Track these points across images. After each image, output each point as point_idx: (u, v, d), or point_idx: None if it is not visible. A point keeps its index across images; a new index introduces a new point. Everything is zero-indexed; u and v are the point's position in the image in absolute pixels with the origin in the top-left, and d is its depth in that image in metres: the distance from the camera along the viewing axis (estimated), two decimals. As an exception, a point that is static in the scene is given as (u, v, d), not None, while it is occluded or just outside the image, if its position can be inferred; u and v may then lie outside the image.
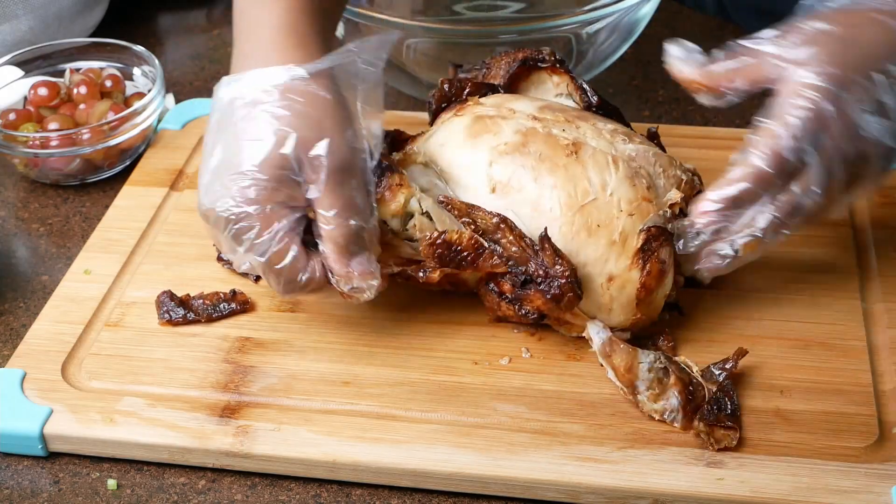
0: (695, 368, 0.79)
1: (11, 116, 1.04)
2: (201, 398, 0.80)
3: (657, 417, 0.77)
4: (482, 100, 0.88)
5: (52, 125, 1.02)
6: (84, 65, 1.11)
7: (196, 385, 0.81)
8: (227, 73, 1.21)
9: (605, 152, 0.81)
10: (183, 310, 0.86)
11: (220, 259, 0.91)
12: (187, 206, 0.96)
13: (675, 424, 0.76)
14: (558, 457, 0.75)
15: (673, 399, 0.76)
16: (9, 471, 0.78)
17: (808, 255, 0.91)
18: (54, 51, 1.10)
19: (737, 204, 0.76)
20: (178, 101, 1.15)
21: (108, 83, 1.08)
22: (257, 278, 0.89)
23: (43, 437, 0.78)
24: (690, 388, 0.76)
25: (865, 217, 0.94)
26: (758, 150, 0.75)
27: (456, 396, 0.79)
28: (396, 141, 0.89)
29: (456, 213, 0.79)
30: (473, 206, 0.79)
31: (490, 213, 0.78)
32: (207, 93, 1.18)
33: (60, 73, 1.09)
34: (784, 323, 0.85)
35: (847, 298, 0.87)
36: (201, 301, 0.87)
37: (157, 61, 1.07)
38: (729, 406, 0.76)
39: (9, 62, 1.08)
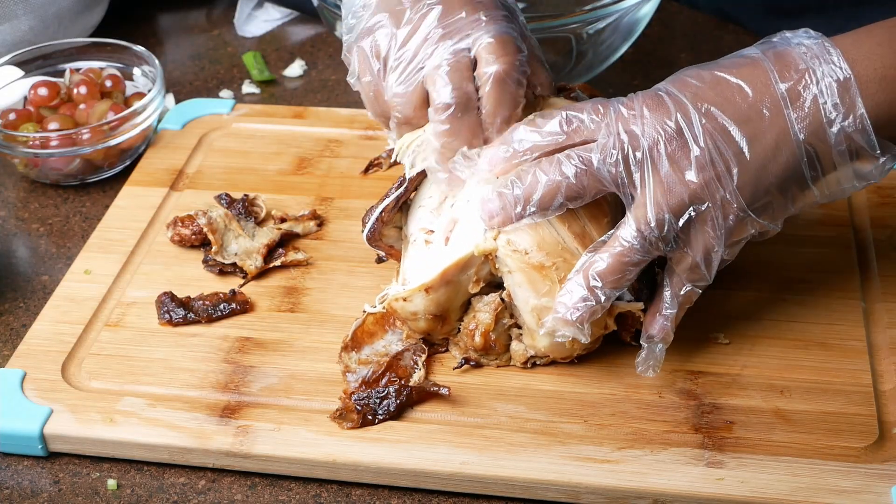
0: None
1: (11, 116, 1.04)
2: (201, 398, 0.80)
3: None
4: None
5: (52, 125, 1.02)
6: (84, 65, 1.11)
7: (196, 385, 0.81)
8: (227, 73, 1.22)
9: None
10: (183, 310, 0.86)
11: (205, 262, 0.91)
12: (187, 206, 0.96)
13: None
14: (558, 457, 0.75)
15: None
16: (9, 471, 0.78)
17: (808, 255, 0.91)
18: (54, 51, 1.10)
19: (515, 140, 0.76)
20: (178, 101, 1.15)
21: (108, 83, 1.08)
22: (245, 276, 0.89)
23: (43, 437, 0.78)
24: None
25: (865, 217, 0.94)
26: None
27: (456, 396, 0.79)
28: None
29: None
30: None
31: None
32: (207, 93, 1.18)
33: (60, 73, 1.09)
34: (784, 323, 0.85)
35: (847, 298, 0.87)
36: (201, 301, 0.87)
37: (157, 61, 1.07)
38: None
39: (9, 62, 1.08)
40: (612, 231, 0.75)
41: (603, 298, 0.74)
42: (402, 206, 0.84)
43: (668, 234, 0.73)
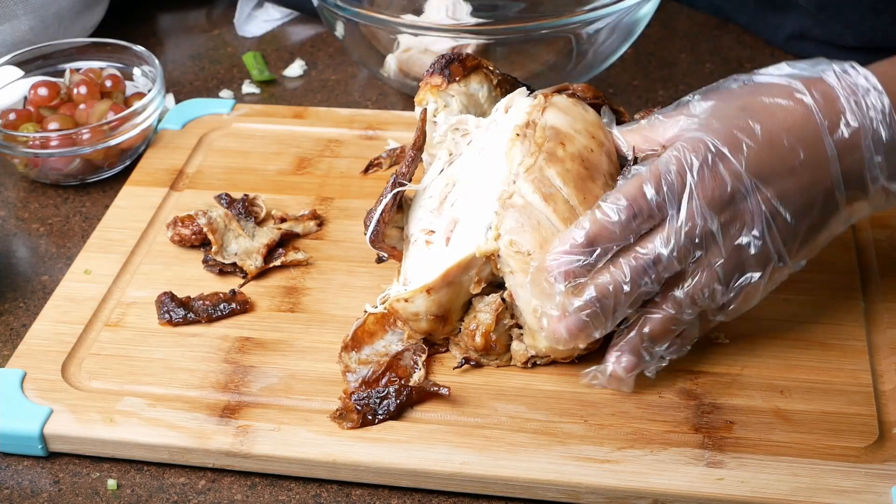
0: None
1: (11, 116, 1.04)
2: (201, 398, 0.80)
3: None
4: None
5: (52, 125, 1.02)
6: (84, 65, 1.11)
7: (196, 385, 0.81)
8: (227, 73, 1.22)
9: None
10: (183, 310, 0.86)
11: (205, 262, 0.91)
12: (187, 206, 0.96)
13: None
14: (558, 457, 0.75)
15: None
16: (9, 471, 0.78)
17: (808, 255, 0.91)
18: (54, 51, 1.10)
19: (590, 246, 0.73)
20: (178, 101, 1.15)
21: (108, 83, 1.08)
22: (245, 276, 0.89)
23: (43, 437, 0.78)
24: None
25: (865, 217, 0.94)
26: (619, 193, 0.74)
27: (456, 396, 0.79)
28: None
29: None
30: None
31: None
32: (207, 93, 1.18)
33: (60, 73, 1.09)
34: (784, 323, 0.85)
35: (847, 298, 0.87)
36: (201, 301, 0.87)
37: (157, 61, 1.07)
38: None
39: (9, 62, 1.08)
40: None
41: (652, 356, 0.77)
42: (402, 205, 0.84)
43: (719, 300, 0.76)
